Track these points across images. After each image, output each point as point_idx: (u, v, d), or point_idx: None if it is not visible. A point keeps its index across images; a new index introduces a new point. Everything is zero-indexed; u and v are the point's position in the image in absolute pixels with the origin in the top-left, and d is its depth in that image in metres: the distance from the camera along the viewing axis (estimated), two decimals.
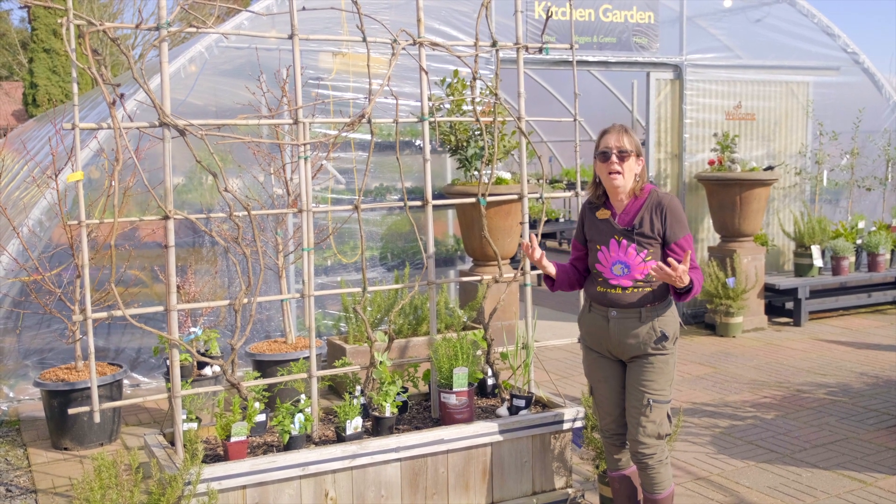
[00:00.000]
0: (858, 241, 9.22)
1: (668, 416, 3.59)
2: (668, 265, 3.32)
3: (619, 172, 3.50)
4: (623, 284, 3.53)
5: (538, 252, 3.63)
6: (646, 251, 3.49)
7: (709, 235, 9.03)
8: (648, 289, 3.52)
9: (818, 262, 8.82)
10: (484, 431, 4.04)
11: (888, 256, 9.25)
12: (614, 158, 3.50)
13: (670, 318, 3.57)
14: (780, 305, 9.02)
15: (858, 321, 8.96)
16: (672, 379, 3.59)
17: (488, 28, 4.38)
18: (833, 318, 9.09)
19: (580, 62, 7.96)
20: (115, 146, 3.53)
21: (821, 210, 9.67)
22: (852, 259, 9.04)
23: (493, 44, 4.33)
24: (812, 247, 8.82)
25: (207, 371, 5.70)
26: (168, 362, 5.63)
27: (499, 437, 4.08)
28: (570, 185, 13.26)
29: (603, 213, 3.63)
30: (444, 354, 4.23)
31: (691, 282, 3.39)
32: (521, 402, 4.26)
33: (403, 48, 4.01)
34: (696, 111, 8.83)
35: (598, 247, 3.61)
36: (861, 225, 9.39)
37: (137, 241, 6.64)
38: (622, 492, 3.82)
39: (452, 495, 4.02)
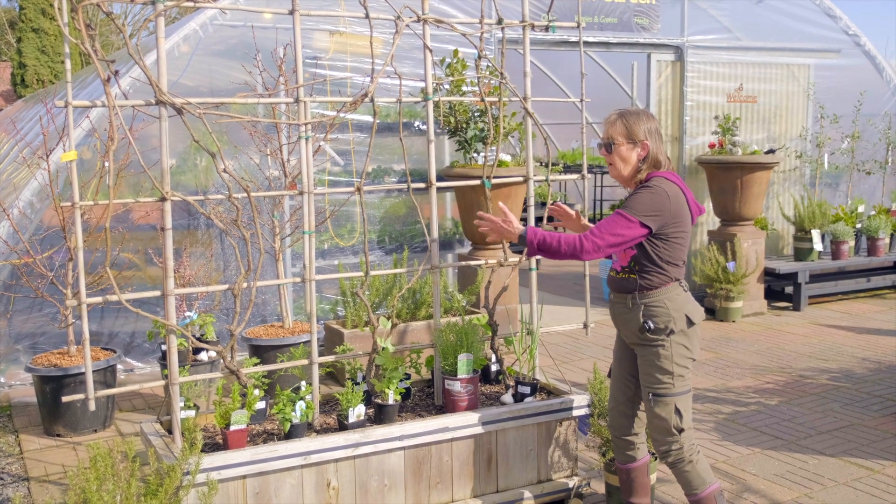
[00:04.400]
0: (858, 226, 9.17)
1: (678, 410, 3.42)
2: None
3: (611, 164, 3.48)
4: (616, 268, 3.54)
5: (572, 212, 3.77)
6: None
7: (709, 219, 8.95)
8: (633, 276, 3.44)
9: (818, 246, 8.76)
10: (489, 419, 3.95)
11: (888, 241, 9.20)
12: (604, 151, 3.48)
13: (661, 309, 3.41)
14: (779, 290, 8.95)
15: (858, 306, 8.91)
16: (672, 372, 3.41)
17: (493, 6, 4.25)
18: (832, 303, 9.04)
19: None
20: (109, 125, 3.40)
21: (821, 194, 9.60)
22: (852, 243, 8.99)
23: (499, 21, 4.21)
24: (812, 231, 8.75)
25: (203, 356, 5.59)
26: (163, 347, 5.55)
27: (504, 425, 3.99)
28: (567, 168, 13.16)
29: None
30: (448, 340, 4.13)
31: (537, 237, 3.36)
32: (527, 389, 4.17)
33: (407, 25, 3.89)
34: (697, 93, 8.73)
35: None
36: (861, 209, 9.33)
37: (130, 224, 6.50)
38: (627, 483, 3.75)
39: (456, 484, 3.94)
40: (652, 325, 3.40)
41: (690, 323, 3.45)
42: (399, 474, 3.80)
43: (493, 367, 4.51)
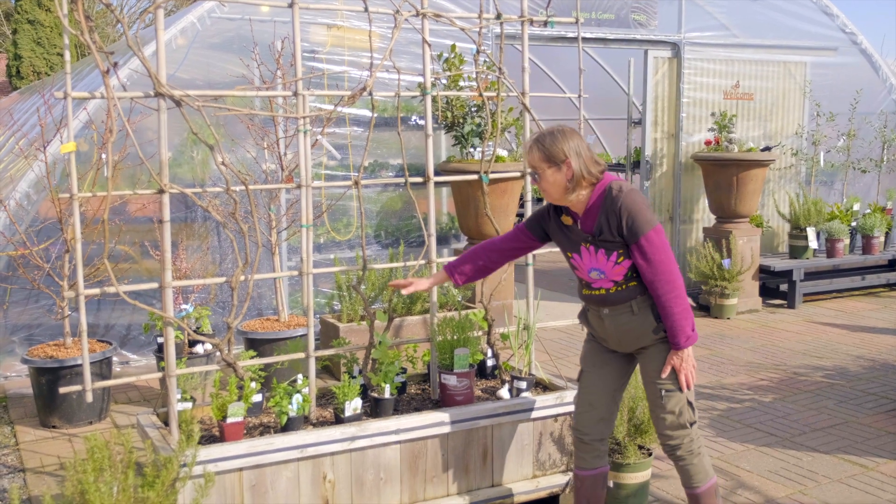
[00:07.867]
0: (853, 224, 9.19)
1: (690, 404, 3.41)
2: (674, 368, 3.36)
3: (543, 191, 3.38)
4: (606, 286, 3.38)
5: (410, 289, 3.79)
6: (615, 253, 3.30)
7: (704, 216, 8.97)
8: (633, 283, 3.33)
9: (813, 243, 8.78)
10: (485, 414, 3.96)
11: (882, 239, 9.23)
12: (533, 181, 3.43)
13: None
14: (774, 287, 8.98)
15: (852, 304, 8.94)
16: None
17: (492, 1, 4.26)
18: (827, 301, 9.07)
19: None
20: (107, 117, 3.40)
21: (816, 191, 9.63)
22: (847, 241, 9.01)
23: (498, 16, 4.21)
24: (807, 228, 8.78)
25: (199, 349, 5.59)
26: (159, 340, 5.55)
27: (500, 420, 4.00)
28: None
29: (566, 220, 3.46)
30: (445, 335, 4.14)
31: (674, 321, 3.27)
32: (523, 384, 4.18)
33: (406, 19, 3.89)
34: (693, 90, 8.74)
35: (568, 254, 3.48)
36: (856, 207, 9.35)
37: (127, 216, 6.50)
38: (582, 493, 3.65)
39: (452, 478, 3.95)
40: None
41: None
42: (395, 468, 3.81)
43: (490, 362, 4.52)
